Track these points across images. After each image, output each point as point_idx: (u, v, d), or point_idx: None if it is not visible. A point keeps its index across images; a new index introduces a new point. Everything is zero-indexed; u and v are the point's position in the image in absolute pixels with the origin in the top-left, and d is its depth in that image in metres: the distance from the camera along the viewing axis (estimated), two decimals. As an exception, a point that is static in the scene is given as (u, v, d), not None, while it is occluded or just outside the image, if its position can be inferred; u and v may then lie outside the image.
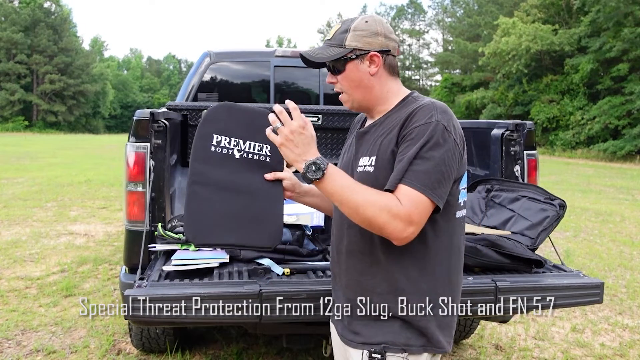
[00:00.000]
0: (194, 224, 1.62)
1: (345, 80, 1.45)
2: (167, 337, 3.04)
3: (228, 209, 1.63)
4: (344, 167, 1.53)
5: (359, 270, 1.44)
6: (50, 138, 38.26)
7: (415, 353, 1.38)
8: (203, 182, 1.63)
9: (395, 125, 1.38)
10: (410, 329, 1.38)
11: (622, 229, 7.62)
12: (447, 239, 1.42)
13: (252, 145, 1.65)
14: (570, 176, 15.70)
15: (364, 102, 1.48)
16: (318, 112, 3.29)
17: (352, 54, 1.42)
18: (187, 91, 4.11)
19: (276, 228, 1.69)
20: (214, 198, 1.62)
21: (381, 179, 1.35)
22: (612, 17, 24.89)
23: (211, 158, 1.63)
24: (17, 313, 3.78)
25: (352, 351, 1.44)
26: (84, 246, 5.86)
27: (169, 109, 3.05)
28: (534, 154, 2.84)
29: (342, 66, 1.44)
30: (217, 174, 1.63)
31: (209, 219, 1.62)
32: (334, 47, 1.44)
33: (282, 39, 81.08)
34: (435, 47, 56.21)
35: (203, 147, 1.64)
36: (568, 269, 2.30)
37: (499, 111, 31.28)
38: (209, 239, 1.67)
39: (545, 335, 3.64)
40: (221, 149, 1.64)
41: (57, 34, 55.42)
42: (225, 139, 1.64)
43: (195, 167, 1.63)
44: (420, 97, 1.45)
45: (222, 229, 1.63)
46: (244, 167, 1.64)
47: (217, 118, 1.66)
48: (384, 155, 1.38)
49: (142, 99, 72.97)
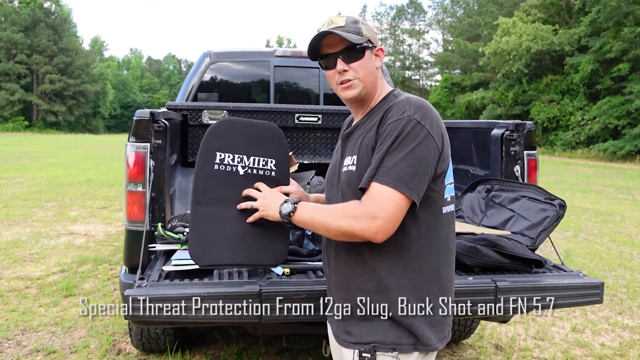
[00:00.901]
0: (198, 245, 1.61)
1: (361, 68, 1.45)
2: (167, 337, 3.04)
3: (233, 228, 1.61)
4: (331, 169, 1.58)
5: (345, 270, 1.45)
6: (50, 138, 38.25)
7: (406, 352, 1.38)
8: (206, 201, 1.61)
9: (374, 124, 1.41)
10: (399, 328, 1.38)
11: (622, 229, 7.62)
12: (433, 235, 1.41)
13: (256, 160, 1.65)
14: (570, 176, 15.69)
15: (369, 92, 1.48)
16: (318, 112, 3.29)
17: (369, 44, 1.45)
18: (187, 91, 4.11)
19: (283, 245, 1.69)
20: (218, 217, 1.61)
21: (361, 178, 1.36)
22: (613, 16, 24.89)
23: (215, 176, 1.62)
24: (17, 313, 3.78)
25: (345, 351, 1.45)
26: (84, 246, 5.86)
27: (169, 109, 3.05)
28: (534, 154, 2.84)
29: (361, 53, 1.45)
30: (222, 192, 1.61)
31: (214, 239, 1.61)
32: (352, 34, 1.43)
33: (282, 39, 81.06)
34: (435, 47, 56.30)
35: (206, 166, 1.63)
36: (568, 269, 2.30)
37: (499, 111, 31.28)
38: (214, 260, 1.66)
39: (545, 335, 3.64)
40: (225, 166, 1.63)
41: (57, 34, 55.40)
42: (229, 156, 1.63)
43: (199, 186, 1.62)
44: (400, 94, 1.47)
45: (227, 248, 1.62)
46: (250, 183, 1.62)
47: (219, 134, 1.65)
48: (364, 154, 1.39)
49: (142, 99, 72.96)
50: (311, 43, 1.47)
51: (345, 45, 1.43)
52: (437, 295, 1.42)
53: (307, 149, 3.38)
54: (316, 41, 1.47)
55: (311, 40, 1.46)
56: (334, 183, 1.53)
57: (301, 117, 3.26)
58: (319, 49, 1.49)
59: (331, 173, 1.58)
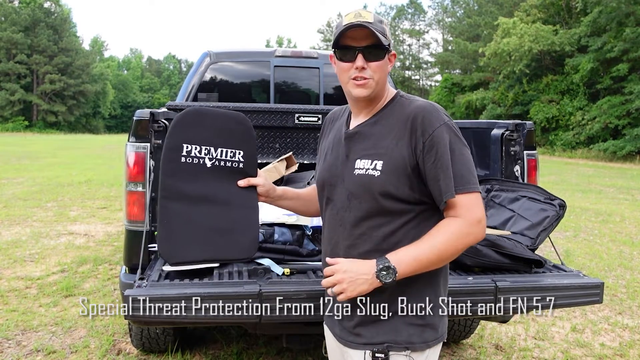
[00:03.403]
0: (167, 243, 1.58)
1: (379, 69, 1.43)
2: (167, 337, 3.04)
3: (202, 223, 1.58)
4: (330, 169, 1.51)
5: None
6: (50, 138, 38.25)
7: (418, 350, 1.39)
8: (175, 196, 1.58)
9: (400, 129, 1.39)
10: (411, 327, 1.39)
11: (622, 229, 7.62)
12: None
13: (223, 152, 1.60)
14: (570, 176, 15.69)
15: (378, 94, 1.47)
16: (318, 112, 3.29)
17: (389, 47, 1.44)
18: (187, 91, 4.11)
19: (252, 238, 1.65)
20: (187, 212, 1.57)
21: (389, 184, 1.36)
22: (614, 17, 24.88)
23: (182, 170, 1.58)
24: (17, 313, 3.78)
25: (352, 352, 1.44)
26: (84, 246, 5.86)
27: (169, 109, 3.04)
28: (534, 154, 2.84)
29: (383, 54, 1.43)
30: (189, 187, 1.58)
31: (183, 236, 1.57)
32: (379, 33, 1.40)
33: (282, 39, 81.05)
34: (435, 47, 56.25)
35: (173, 160, 1.58)
36: (568, 269, 2.30)
37: (499, 112, 31.24)
38: (184, 257, 1.62)
39: (545, 335, 3.64)
40: (192, 159, 1.58)
41: (57, 34, 55.42)
42: (196, 147, 1.59)
43: (166, 182, 1.58)
44: (410, 97, 1.48)
45: (196, 245, 1.59)
46: (217, 176, 1.59)
47: (186, 125, 1.60)
48: (395, 162, 1.37)
49: (142, 99, 72.96)
50: (339, 31, 1.40)
51: (371, 42, 1.39)
52: (445, 289, 1.49)
53: (307, 149, 3.38)
54: (344, 30, 1.39)
55: (342, 28, 1.39)
56: (335, 184, 1.48)
57: (301, 117, 3.26)
58: (339, 38, 1.42)
59: (330, 174, 1.50)
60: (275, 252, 2.24)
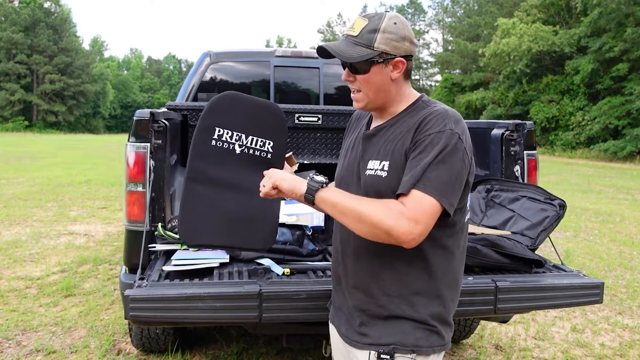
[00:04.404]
0: (188, 223, 1.57)
1: (366, 82, 1.39)
2: (167, 337, 3.04)
3: (224, 208, 1.58)
4: (347, 168, 1.52)
5: (367, 272, 1.43)
6: (51, 138, 38.25)
7: (424, 354, 1.38)
8: (201, 179, 1.57)
9: (408, 130, 1.37)
10: (419, 330, 1.39)
11: (622, 229, 7.62)
12: (459, 241, 1.44)
13: (254, 140, 1.59)
14: (570, 176, 15.69)
15: (377, 104, 1.44)
16: (318, 112, 3.29)
17: (380, 58, 1.36)
18: (187, 91, 4.11)
19: (271, 229, 1.65)
20: (210, 196, 1.57)
21: (394, 184, 1.34)
22: (614, 18, 24.89)
23: (211, 153, 1.57)
24: (17, 313, 3.78)
25: (358, 352, 1.43)
26: (84, 246, 5.86)
27: (169, 109, 3.05)
28: (534, 154, 2.84)
29: (367, 68, 1.37)
30: (216, 171, 1.57)
31: (204, 219, 1.57)
32: (361, 47, 1.36)
33: (282, 39, 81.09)
34: (435, 47, 56.24)
35: (204, 141, 1.57)
36: (568, 269, 2.30)
37: (499, 112, 31.26)
38: (203, 240, 1.61)
39: (545, 335, 3.64)
40: (222, 143, 1.57)
41: (57, 34, 55.44)
42: (227, 132, 1.57)
43: (194, 163, 1.57)
44: (431, 102, 1.44)
45: (216, 229, 1.58)
46: (244, 163, 1.58)
47: (221, 109, 1.59)
48: (398, 161, 1.36)
49: (142, 99, 73.01)
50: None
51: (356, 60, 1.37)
52: (454, 298, 1.46)
53: (307, 149, 3.38)
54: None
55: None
56: (351, 183, 1.48)
57: (301, 117, 3.26)
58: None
59: (347, 172, 1.51)
60: (275, 252, 2.24)
